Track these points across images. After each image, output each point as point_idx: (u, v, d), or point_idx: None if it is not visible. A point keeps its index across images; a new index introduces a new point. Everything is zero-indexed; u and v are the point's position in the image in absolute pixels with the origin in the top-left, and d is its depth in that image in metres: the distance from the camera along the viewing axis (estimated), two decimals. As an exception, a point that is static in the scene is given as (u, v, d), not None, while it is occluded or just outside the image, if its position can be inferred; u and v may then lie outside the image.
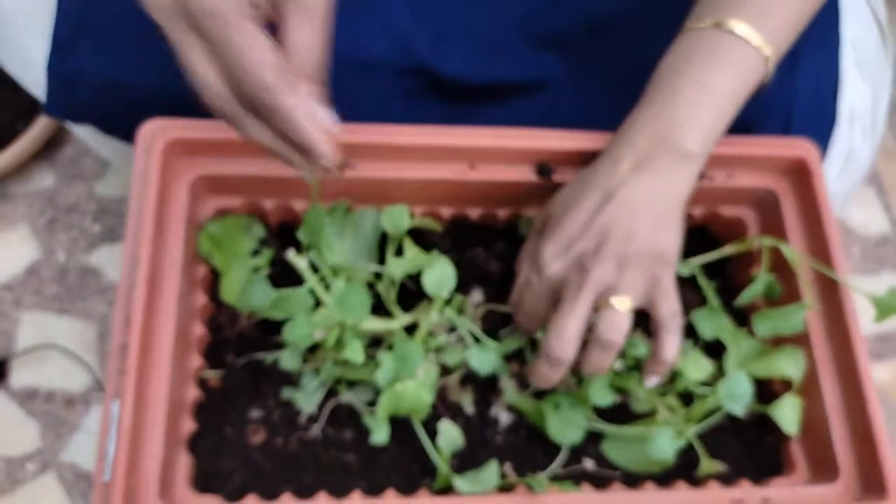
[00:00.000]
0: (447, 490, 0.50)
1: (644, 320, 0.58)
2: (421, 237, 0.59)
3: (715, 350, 0.57)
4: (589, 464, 0.54)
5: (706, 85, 0.51)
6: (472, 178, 0.57)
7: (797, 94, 0.64)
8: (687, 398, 0.56)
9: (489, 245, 0.60)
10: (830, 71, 0.66)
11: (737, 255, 0.61)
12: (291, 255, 0.52)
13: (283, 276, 0.55)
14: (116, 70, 0.57)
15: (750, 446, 0.56)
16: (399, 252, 0.56)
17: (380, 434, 0.50)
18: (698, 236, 0.63)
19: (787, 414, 0.55)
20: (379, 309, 0.55)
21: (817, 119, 0.66)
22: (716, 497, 0.51)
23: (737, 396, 0.51)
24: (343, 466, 0.52)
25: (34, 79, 0.61)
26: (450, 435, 0.52)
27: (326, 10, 0.40)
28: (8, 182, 0.85)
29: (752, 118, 0.63)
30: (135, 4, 0.55)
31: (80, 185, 0.86)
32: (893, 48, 0.72)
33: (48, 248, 0.82)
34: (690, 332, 0.58)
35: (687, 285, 0.60)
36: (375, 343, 0.54)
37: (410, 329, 0.55)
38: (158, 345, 0.49)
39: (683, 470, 0.54)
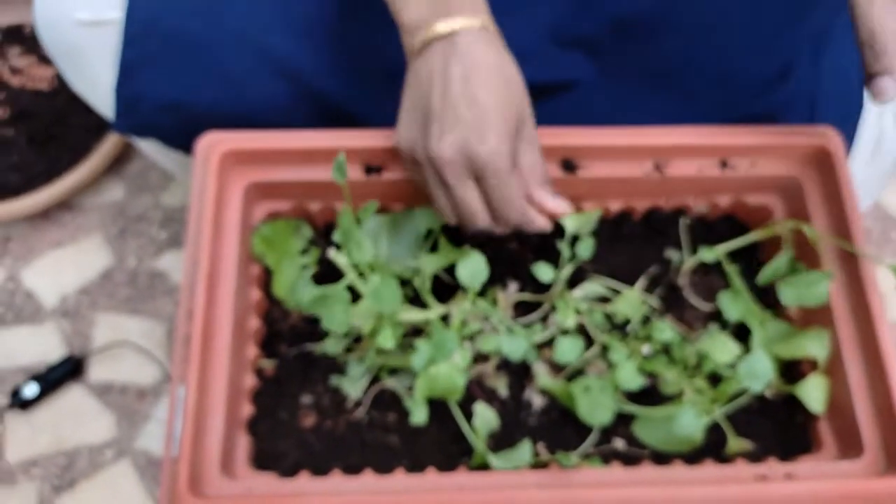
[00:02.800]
0: (483, 467, 0.54)
1: (671, 306, 0.61)
2: (458, 234, 0.62)
3: (744, 333, 0.59)
4: (619, 444, 0.56)
5: None
6: (502, 175, 0.60)
7: (822, 82, 0.65)
8: (716, 380, 0.58)
9: (524, 239, 0.64)
10: (856, 55, 0.67)
11: (766, 243, 0.63)
12: (333, 253, 0.56)
13: (330, 273, 0.59)
14: (176, 91, 0.63)
15: (779, 426, 0.58)
16: (434, 248, 0.60)
17: (419, 415, 0.54)
18: (727, 224, 0.65)
19: (813, 393, 0.56)
20: (418, 301, 0.59)
21: (844, 106, 0.67)
22: (741, 473, 0.53)
23: (757, 374, 0.53)
24: (387, 447, 0.56)
25: (103, 100, 0.67)
26: (485, 416, 0.56)
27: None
28: (82, 196, 0.93)
29: (778, 106, 0.65)
30: (189, 33, 0.61)
31: (148, 196, 0.93)
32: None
33: (120, 255, 0.89)
34: (718, 315, 0.60)
35: (715, 271, 0.63)
36: (417, 333, 0.58)
37: (450, 320, 0.58)
38: (218, 336, 0.54)
39: (712, 449, 0.56)
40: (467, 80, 0.51)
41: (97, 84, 0.67)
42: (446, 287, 0.60)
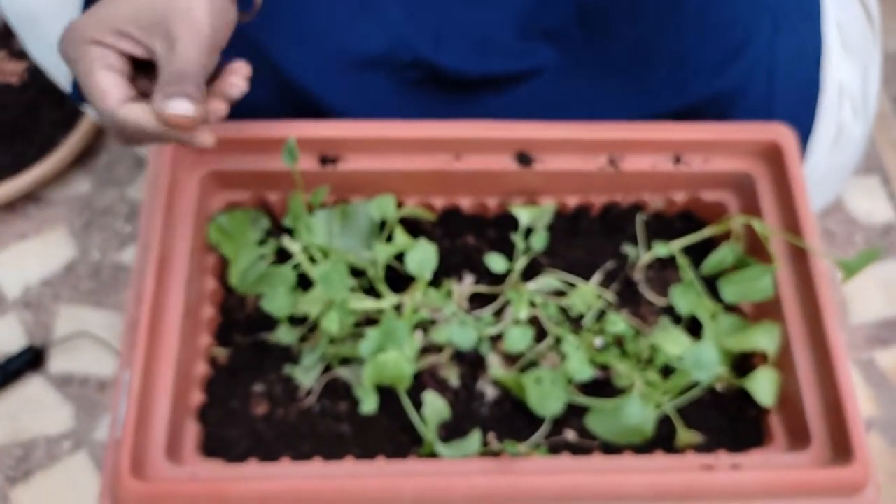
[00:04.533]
0: (433, 456, 0.54)
1: (627, 301, 0.61)
2: (415, 226, 0.63)
3: (698, 327, 0.59)
4: (571, 435, 0.56)
5: None
6: (458, 168, 0.61)
7: (780, 61, 0.65)
8: (668, 373, 0.58)
9: (480, 233, 0.64)
10: (813, 43, 0.67)
11: (721, 239, 0.63)
12: (287, 240, 0.56)
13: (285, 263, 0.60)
14: None
15: (731, 419, 0.58)
16: (390, 239, 0.60)
17: (368, 403, 0.54)
18: (684, 220, 0.65)
19: (763, 386, 0.57)
20: (374, 292, 0.60)
21: (802, 88, 0.67)
22: (687, 463, 0.53)
23: (703, 365, 0.53)
24: (337, 435, 0.56)
25: (63, 70, 0.67)
26: (435, 405, 0.56)
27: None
28: (49, 188, 0.93)
29: (735, 84, 0.65)
30: None
31: (114, 189, 0.93)
32: (882, 34, 0.73)
33: (84, 248, 0.89)
34: (672, 309, 0.61)
35: (671, 266, 0.63)
36: (371, 323, 0.58)
37: (402, 310, 0.58)
38: (167, 322, 0.54)
39: (664, 442, 0.56)
40: None
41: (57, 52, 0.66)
42: (402, 278, 0.60)
